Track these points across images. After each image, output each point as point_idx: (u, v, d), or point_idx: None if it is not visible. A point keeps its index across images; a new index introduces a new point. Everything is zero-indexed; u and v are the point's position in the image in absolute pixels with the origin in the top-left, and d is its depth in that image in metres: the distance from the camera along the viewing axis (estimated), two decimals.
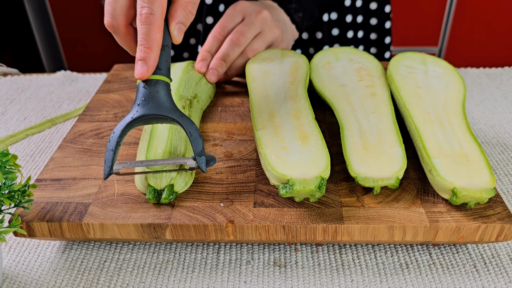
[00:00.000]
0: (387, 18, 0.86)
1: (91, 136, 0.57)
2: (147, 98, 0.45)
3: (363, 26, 0.85)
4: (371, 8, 0.84)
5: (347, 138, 0.50)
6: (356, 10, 0.84)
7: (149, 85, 0.45)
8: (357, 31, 0.85)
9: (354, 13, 0.84)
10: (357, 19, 0.84)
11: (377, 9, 0.84)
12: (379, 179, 0.45)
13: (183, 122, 0.45)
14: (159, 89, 0.45)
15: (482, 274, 0.45)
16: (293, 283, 0.44)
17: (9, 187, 0.39)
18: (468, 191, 0.42)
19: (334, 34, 0.85)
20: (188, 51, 0.88)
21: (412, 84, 0.56)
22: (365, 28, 0.86)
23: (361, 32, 0.86)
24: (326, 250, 0.48)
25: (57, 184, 0.49)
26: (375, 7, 0.84)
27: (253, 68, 0.62)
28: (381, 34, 0.87)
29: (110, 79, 0.70)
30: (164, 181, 0.45)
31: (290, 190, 0.42)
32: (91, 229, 0.44)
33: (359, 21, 0.85)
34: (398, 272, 0.45)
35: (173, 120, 0.45)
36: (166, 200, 0.45)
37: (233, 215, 0.44)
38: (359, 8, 0.83)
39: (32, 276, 0.46)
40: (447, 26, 1.76)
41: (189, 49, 0.88)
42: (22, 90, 0.79)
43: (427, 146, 0.47)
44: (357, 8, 0.83)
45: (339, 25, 0.84)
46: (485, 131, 0.65)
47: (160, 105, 0.45)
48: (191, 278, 0.45)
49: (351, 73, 0.60)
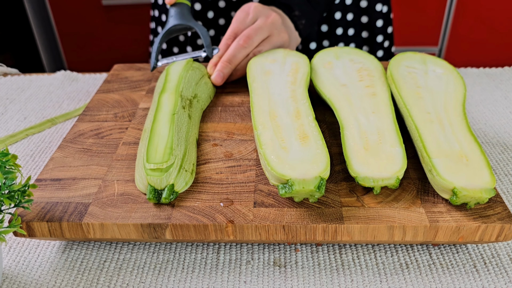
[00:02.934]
0: (379, 17, 0.85)
1: (91, 136, 0.57)
2: (175, 14, 0.69)
3: (353, 24, 0.86)
4: (361, 6, 0.84)
5: (347, 138, 0.50)
6: (346, 8, 0.84)
7: (175, 6, 0.70)
8: (348, 29, 0.86)
9: (344, 11, 0.84)
10: (347, 16, 0.84)
11: (368, 7, 0.84)
12: (379, 179, 0.45)
13: (198, 26, 0.68)
14: (182, 8, 0.70)
15: (482, 274, 0.45)
16: (293, 283, 0.44)
17: (9, 187, 0.39)
18: (468, 191, 0.42)
19: (323, 30, 0.86)
20: (177, 46, 0.92)
21: (412, 84, 0.56)
22: (356, 26, 0.86)
23: (351, 30, 0.86)
24: (326, 250, 0.48)
25: (57, 184, 0.49)
26: (365, 5, 0.84)
27: (254, 68, 0.62)
28: (372, 32, 0.87)
29: (110, 79, 0.70)
30: (164, 181, 0.45)
31: (290, 190, 0.42)
32: (91, 229, 0.44)
33: (350, 19, 0.85)
34: (398, 272, 0.45)
35: (191, 28, 0.69)
36: (166, 200, 0.45)
37: (233, 215, 0.44)
38: (350, 5, 0.84)
39: (32, 276, 0.46)
40: (447, 26, 1.76)
41: (178, 44, 0.92)
42: (22, 90, 0.79)
43: (427, 146, 0.47)
44: (347, 6, 0.84)
45: (328, 22, 0.85)
46: (485, 131, 0.65)
47: (183, 18, 0.69)
48: (191, 278, 0.45)
49: (352, 73, 0.60)
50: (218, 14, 0.84)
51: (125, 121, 0.60)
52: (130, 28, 1.83)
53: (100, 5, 1.79)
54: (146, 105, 0.63)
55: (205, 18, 0.83)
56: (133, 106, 0.63)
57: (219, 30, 0.86)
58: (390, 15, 0.88)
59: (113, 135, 0.57)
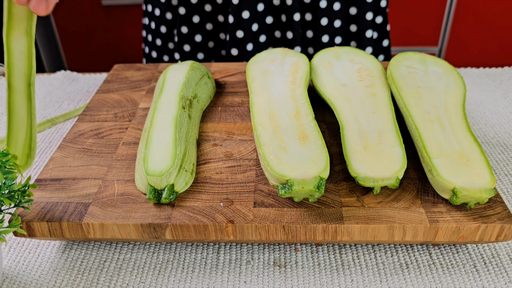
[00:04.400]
0: (369, 9, 0.83)
1: (91, 136, 0.57)
2: None
3: (341, 14, 0.83)
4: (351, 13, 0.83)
5: (347, 138, 0.50)
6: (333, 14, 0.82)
7: None
8: (334, 21, 0.83)
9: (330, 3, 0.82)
10: (334, 6, 0.82)
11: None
12: (379, 179, 0.45)
13: None
14: None
15: (482, 274, 0.45)
16: (293, 283, 0.44)
17: (9, 187, 0.39)
18: (468, 191, 0.42)
19: (308, 19, 0.84)
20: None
21: (412, 84, 0.56)
22: (343, 18, 0.83)
23: (338, 22, 0.84)
24: (326, 250, 0.48)
25: (57, 184, 0.49)
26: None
27: (254, 68, 0.62)
28: (361, 25, 0.84)
29: (110, 79, 0.70)
30: (164, 181, 0.45)
31: (289, 190, 0.42)
32: (91, 229, 0.44)
33: (336, 9, 0.82)
34: (398, 272, 0.45)
35: None
36: (166, 200, 0.45)
37: (233, 215, 0.44)
38: None
39: (32, 276, 0.46)
40: (447, 26, 1.76)
41: (168, 52, 0.93)
42: None
43: (427, 146, 0.47)
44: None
45: (311, 10, 0.83)
46: (485, 131, 0.65)
47: None
48: (191, 278, 0.45)
49: (352, 73, 0.60)
50: (204, 19, 0.84)
51: (125, 121, 0.60)
52: (130, 28, 1.83)
53: (100, 5, 1.79)
54: (146, 105, 0.63)
55: (191, 22, 0.83)
56: (133, 106, 0.63)
57: (206, 35, 0.86)
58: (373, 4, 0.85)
59: (113, 135, 0.57)
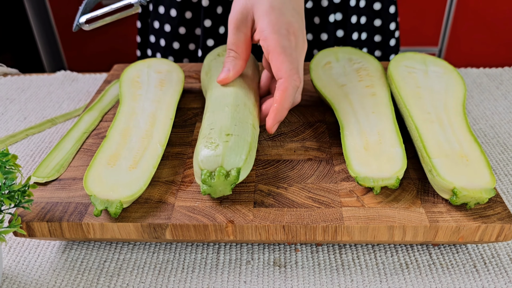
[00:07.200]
0: (392, 19, 0.85)
1: (91, 136, 0.57)
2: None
3: (367, 27, 0.85)
4: (374, 8, 0.83)
5: (347, 138, 0.50)
6: (360, 11, 0.83)
7: None
8: (361, 33, 0.85)
9: (358, 14, 0.83)
10: (361, 20, 0.84)
11: (381, 10, 0.83)
12: (379, 179, 0.45)
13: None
14: None
15: (482, 274, 0.45)
16: (293, 283, 0.44)
17: (9, 187, 0.39)
18: (468, 191, 0.42)
19: (339, 35, 0.84)
20: (187, 56, 0.88)
21: (412, 84, 0.56)
22: (369, 30, 0.85)
23: (364, 34, 0.85)
24: (326, 250, 0.48)
25: (57, 184, 0.49)
26: (379, 8, 0.83)
27: (125, 82, 0.61)
28: (385, 36, 0.86)
29: (110, 79, 0.70)
30: None
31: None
32: (91, 229, 0.44)
33: (363, 22, 0.84)
34: (398, 272, 0.45)
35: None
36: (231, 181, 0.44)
37: (233, 215, 0.44)
38: (363, 8, 0.83)
39: (32, 276, 0.46)
40: (447, 26, 1.76)
41: (188, 55, 0.88)
42: (22, 90, 0.79)
43: (427, 146, 0.47)
44: (361, 8, 0.83)
45: (344, 27, 0.84)
46: (485, 131, 0.65)
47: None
48: (191, 278, 0.45)
49: (351, 73, 0.60)
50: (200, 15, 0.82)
51: None
52: (130, 28, 1.83)
53: (100, 5, 1.79)
54: None
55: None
56: None
57: (205, 32, 0.82)
58: (395, 15, 0.87)
59: None
